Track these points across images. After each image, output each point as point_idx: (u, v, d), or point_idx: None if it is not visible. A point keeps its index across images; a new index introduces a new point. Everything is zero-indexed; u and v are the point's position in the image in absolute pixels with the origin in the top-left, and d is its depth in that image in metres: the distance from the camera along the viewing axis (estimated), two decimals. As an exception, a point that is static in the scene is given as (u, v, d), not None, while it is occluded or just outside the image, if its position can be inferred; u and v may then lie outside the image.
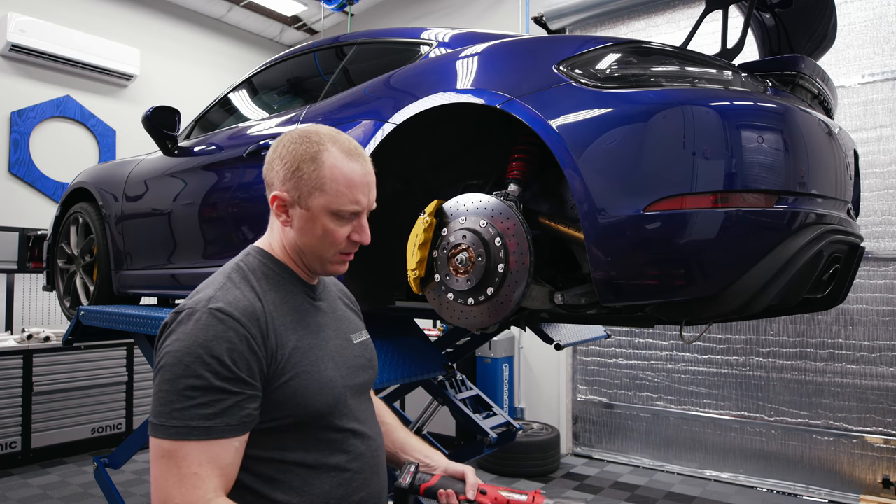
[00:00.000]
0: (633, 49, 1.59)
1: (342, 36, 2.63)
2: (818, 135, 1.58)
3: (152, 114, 2.84)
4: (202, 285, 1.08)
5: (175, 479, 0.91)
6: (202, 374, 0.93)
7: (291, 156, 1.09)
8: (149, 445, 0.94)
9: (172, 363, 0.94)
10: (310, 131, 1.12)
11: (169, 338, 0.97)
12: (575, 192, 1.46)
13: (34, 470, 4.50)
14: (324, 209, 1.09)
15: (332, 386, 1.10)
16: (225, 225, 2.55)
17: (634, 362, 4.84)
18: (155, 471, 0.92)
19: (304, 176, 1.08)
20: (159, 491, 0.91)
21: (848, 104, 4.04)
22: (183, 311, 1.00)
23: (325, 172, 1.08)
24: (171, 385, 0.93)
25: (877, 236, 3.92)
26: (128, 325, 2.71)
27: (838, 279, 1.78)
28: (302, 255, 1.14)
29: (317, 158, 1.08)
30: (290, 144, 1.11)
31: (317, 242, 1.12)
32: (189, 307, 1.00)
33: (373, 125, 1.96)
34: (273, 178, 1.11)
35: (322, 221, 1.10)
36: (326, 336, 1.16)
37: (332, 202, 1.09)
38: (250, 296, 1.04)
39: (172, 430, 0.92)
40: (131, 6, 6.20)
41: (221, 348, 0.95)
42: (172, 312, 1.02)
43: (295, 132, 1.13)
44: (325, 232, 1.11)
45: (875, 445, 3.87)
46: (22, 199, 5.42)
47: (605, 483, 4.38)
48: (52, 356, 4.73)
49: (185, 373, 0.93)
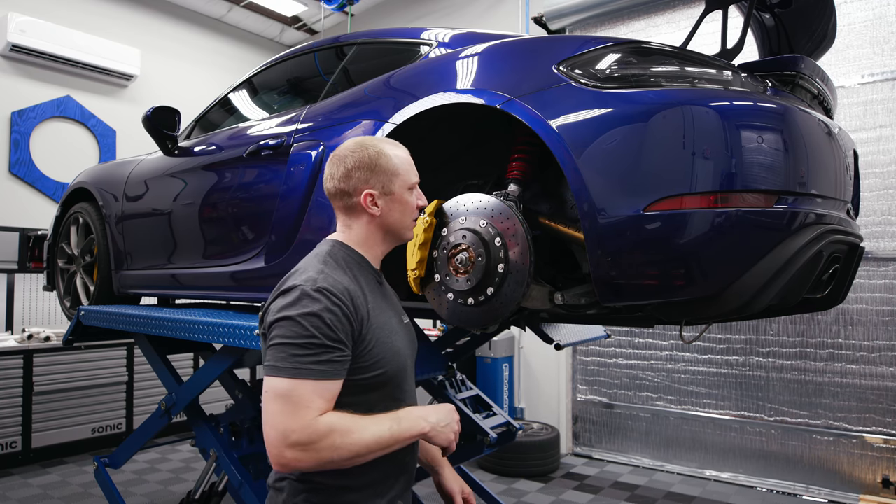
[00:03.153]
0: (633, 49, 1.59)
1: (342, 36, 2.63)
2: (818, 135, 1.58)
3: (152, 114, 2.84)
4: (301, 268, 1.28)
5: (291, 410, 1.12)
6: (315, 333, 1.17)
7: (363, 161, 1.36)
8: (263, 387, 1.15)
9: (291, 324, 1.17)
10: (359, 141, 1.40)
11: (288, 307, 1.19)
12: (575, 192, 1.46)
13: (34, 470, 4.51)
14: (402, 187, 1.39)
15: (402, 355, 1.37)
16: (225, 225, 2.55)
17: (634, 362, 4.84)
18: (272, 406, 1.13)
19: (381, 169, 1.36)
20: (276, 423, 1.12)
21: (848, 104, 4.04)
22: (295, 288, 1.21)
23: (393, 161, 1.38)
24: (290, 339, 1.16)
25: (877, 236, 3.92)
26: (128, 325, 2.71)
27: (838, 279, 1.79)
28: (390, 233, 1.42)
29: (382, 154, 1.37)
30: (355, 154, 1.37)
31: (401, 216, 1.41)
32: (300, 285, 1.21)
33: (373, 125, 1.96)
34: (355, 183, 1.36)
35: (403, 198, 1.40)
36: (391, 314, 1.40)
37: (405, 180, 1.40)
38: (345, 278, 1.28)
39: (293, 370, 1.14)
40: (131, 6, 6.20)
41: (327, 316, 1.19)
42: (282, 289, 1.22)
43: (347, 147, 1.39)
44: (404, 205, 1.40)
45: (875, 445, 3.87)
46: (22, 199, 5.42)
47: (605, 483, 4.38)
48: (53, 356, 4.74)
49: (302, 332, 1.16)
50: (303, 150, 2.20)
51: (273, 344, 1.18)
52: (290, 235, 2.19)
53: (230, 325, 2.14)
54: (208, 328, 2.26)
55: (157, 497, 4.04)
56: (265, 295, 2.31)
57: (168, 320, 2.47)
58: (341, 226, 1.43)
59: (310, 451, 1.12)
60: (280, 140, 2.32)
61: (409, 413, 1.28)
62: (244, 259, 2.41)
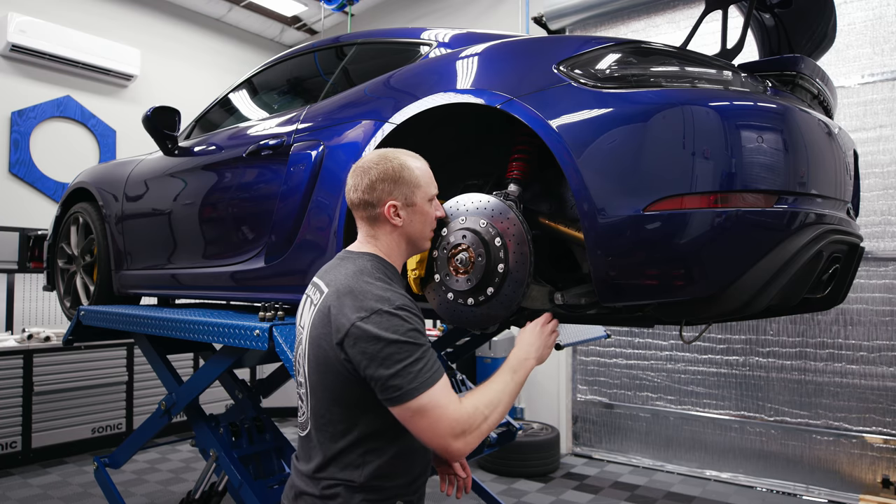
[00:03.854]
0: (632, 49, 1.59)
1: (342, 36, 2.63)
2: (818, 135, 1.58)
3: (152, 114, 2.84)
4: (361, 290, 1.29)
5: (439, 416, 1.22)
6: (421, 344, 1.26)
7: (386, 173, 1.41)
8: (402, 412, 1.22)
9: (399, 346, 1.23)
10: (382, 153, 1.45)
11: (387, 331, 1.23)
12: (575, 192, 1.46)
13: (34, 470, 4.51)
14: (423, 199, 1.45)
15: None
16: (225, 225, 2.55)
17: (634, 362, 4.84)
18: (423, 423, 1.22)
19: (403, 181, 1.42)
20: (435, 433, 1.22)
21: (848, 104, 4.04)
22: (376, 312, 1.25)
23: (415, 173, 1.44)
24: (406, 360, 1.22)
25: (877, 236, 3.92)
26: (128, 325, 2.71)
27: (838, 279, 1.79)
28: (410, 243, 1.48)
29: (405, 166, 1.43)
30: (378, 167, 1.42)
31: (422, 227, 1.48)
32: (381, 308, 1.25)
33: (373, 125, 1.96)
34: (379, 195, 1.41)
35: (424, 209, 1.46)
36: None
37: (426, 192, 1.46)
38: (403, 293, 1.35)
39: (424, 385, 1.22)
40: (131, 6, 6.20)
41: (420, 329, 1.28)
42: (363, 316, 1.24)
43: (370, 159, 1.44)
44: (425, 216, 1.47)
45: (875, 445, 3.87)
46: (22, 199, 5.42)
47: (605, 483, 4.38)
48: (53, 356, 4.74)
49: (412, 349, 1.24)
50: (303, 150, 2.20)
51: (394, 372, 1.22)
52: (291, 235, 2.19)
53: (230, 325, 2.14)
54: (208, 328, 2.26)
55: (157, 497, 4.04)
56: (265, 295, 2.32)
57: (168, 320, 2.47)
58: (365, 236, 1.47)
59: (473, 434, 1.25)
60: (280, 140, 2.32)
61: (516, 358, 1.43)
62: (244, 259, 2.42)
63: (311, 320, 1.35)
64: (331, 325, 1.28)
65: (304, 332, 1.41)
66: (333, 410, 1.32)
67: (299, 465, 1.40)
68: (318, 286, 1.42)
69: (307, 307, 1.43)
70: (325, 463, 1.32)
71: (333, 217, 2.02)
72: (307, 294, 1.47)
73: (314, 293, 1.42)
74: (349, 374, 1.27)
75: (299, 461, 1.41)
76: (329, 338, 1.28)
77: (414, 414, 1.22)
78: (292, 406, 7.36)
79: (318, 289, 1.40)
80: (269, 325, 2.00)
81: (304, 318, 1.43)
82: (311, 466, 1.34)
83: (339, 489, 1.30)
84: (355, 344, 1.24)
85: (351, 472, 1.30)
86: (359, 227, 1.49)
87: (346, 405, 1.31)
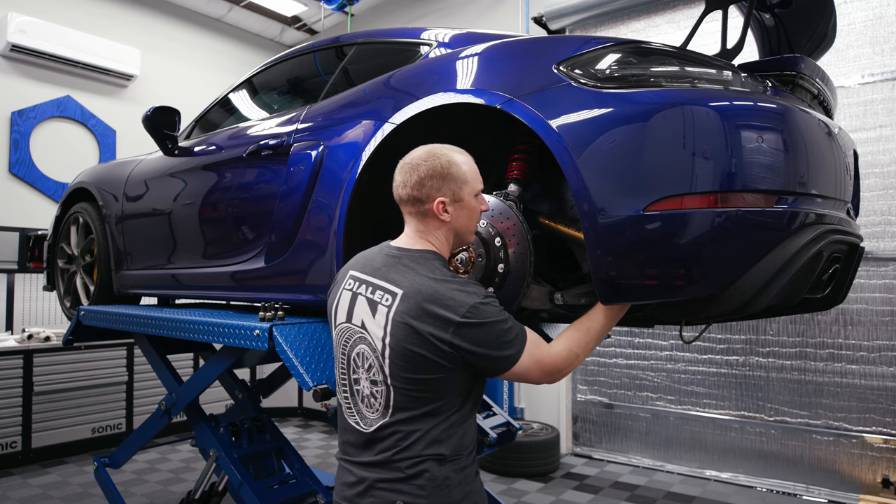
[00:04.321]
0: (632, 49, 1.59)
1: (342, 36, 2.63)
2: (818, 135, 1.58)
3: (152, 114, 2.84)
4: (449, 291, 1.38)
5: (540, 359, 1.43)
6: (508, 316, 1.42)
7: (434, 169, 1.45)
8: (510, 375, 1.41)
9: (499, 324, 1.38)
10: (429, 149, 1.48)
11: (487, 319, 1.37)
12: (575, 192, 1.46)
13: (34, 470, 4.51)
14: (470, 194, 1.49)
15: None
16: (225, 225, 2.55)
17: (634, 362, 4.84)
18: (526, 376, 1.43)
19: (452, 178, 1.45)
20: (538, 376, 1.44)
21: (848, 104, 4.04)
22: (474, 306, 1.36)
23: (463, 169, 1.47)
24: (508, 335, 1.39)
25: (877, 236, 3.92)
26: (128, 325, 2.71)
27: (838, 279, 1.79)
28: (457, 237, 1.53)
29: (453, 163, 1.46)
30: (427, 163, 1.45)
31: (468, 222, 1.52)
32: (477, 302, 1.37)
33: (373, 125, 1.96)
34: (428, 191, 1.45)
35: (471, 204, 1.50)
36: None
37: (473, 188, 1.49)
38: (471, 280, 1.49)
39: (520, 345, 1.41)
40: (131, 6, 6.20)
41: (499, 303, 1.43)
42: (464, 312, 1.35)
43: (419, 156, 1.47)
44: (472, 211, 1.51)
45: (875, 445, 3.87)
46: (22, 199, 5.42)
47: (605, 483, 4.38)
48: (53, 356, 4.74)
49: (504, 324, 1.39)
50: (303, 150, 2.20)
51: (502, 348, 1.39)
52: (291, 235, 2.19)
53: (230, 325, 2.14)
54: (208, 328, 2.26)
55: (157, 497, 4.04)
56: (265, 295, 2.31)
57: (168, 320, 2.47)
58: (415, 232, 1.51)
59: (566, 371, 1.47)
60: (280, 140, 2.32)
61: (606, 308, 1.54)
62: (244, 259, 2.42)
63: (392, 322, 1.38)
64: (430, 326, 1.35)
65: (371, 332, 1.42)
66: (422, 397, 1.38)
67: (364, 458, 1.42)
68: (378, 286, 1.44)
69: (363, 305, 1.45)
70: (410, 445, 1.38)
71: (333, 217, 2.02)
72: (354, 290, 1.48)
73: (376, 293, 1.43)
74: (449, 363, 1.36)
75: (363, 454, 1.43)
76: (427, 337, 1.35)
77: (519, 373, 1.42)
78: (292, 406, 7.33)
79: (382, 289, 1.43)
80: (269, 325, 2.00)
81: (360, 316, 1.45)
82: (388, 454, 1.38)
83: (428, 464, 1.37)
84: (464, 338, 1.35)
85: (437, 447, 1.38)
86: (407, 222, 1.52)
87: (436, 390, 1.38)
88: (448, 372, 1.38)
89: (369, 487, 1.39)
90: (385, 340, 1.39)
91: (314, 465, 4.63)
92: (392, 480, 1.38)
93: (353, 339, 1.46)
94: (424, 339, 1.35)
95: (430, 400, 1.39)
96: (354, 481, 1.43)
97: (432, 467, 1.38)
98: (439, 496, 1.37)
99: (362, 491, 1.40)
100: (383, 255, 1.50)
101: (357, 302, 1.47)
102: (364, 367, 1.44)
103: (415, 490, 1.36)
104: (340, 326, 1.51)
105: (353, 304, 1.48)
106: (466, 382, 1.43)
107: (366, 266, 1.51)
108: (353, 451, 1.46)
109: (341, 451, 1.51)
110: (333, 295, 1.57)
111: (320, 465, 4.81)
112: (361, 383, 1.44)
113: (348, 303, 1.49)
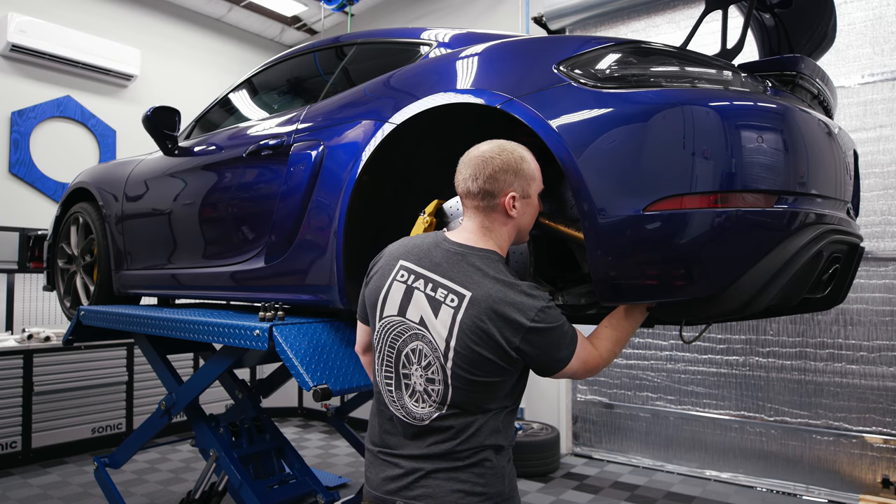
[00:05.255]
0: (632, 49, 1.59)
1: (342, 36, 2.63)
2: (818, 135, 1.58)
3: (152, 114, 2.84)
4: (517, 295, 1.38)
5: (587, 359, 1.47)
6: (565, 319, 1.44)
7: (508, 164, 1.43)
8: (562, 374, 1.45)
9: (560, 327, 1.41)
10: (499, 144, 1.46)
11: (551, 324, 1.39)
12: (575, 192, 1.47)
13: (34, 470, 4.51)
14: (536, 191, 1.50)
15: None
16: (225, 225, 2.55)
17: (634, 362, 4.84)
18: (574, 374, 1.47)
19: (523, 174, 1.45)
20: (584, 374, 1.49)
21: (848, 104, 4.04)
22: (540, 310, 1.38)
23: (532, 166, 1.47)
24: (565, 337, 1.42)
25: (877, 236, 3.92)
26: (128, 325, 2.72)
27: (838, 279, 1.79)
28: (519, 234, 1.52)
29: (524, 159, 1.45)
30: (500, 157, 1.44)
31: (530, 220, 1.52)
32: (543, 306, 1.39)
33: (373, 125, 1.96)
34: (501, 185, 1.43)
35: (535, 202, 1.51)
36: None
37: (539, 186, 1.50)
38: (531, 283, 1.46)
39: (575, 345, 1.44)
40: (131, 6, 6.20)
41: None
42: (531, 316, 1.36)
43: (489, 150, 1.45)
44: (535, 209, 1.52)
45: (875, 445, 3.87)
46: (22, 199, 5.42)
47: (604, 483, 4.38)
48: (53, 356, 4.73)
49: (563, 326, 1.42)
50: (303, 150, 2.20)
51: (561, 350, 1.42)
52: (291, 235, 2.19)
53: (230, 325, 2.14)
54: (208, 328, 2.26)
55: (157, 497, 4.04)
56: (265, 295, 2.32)
57: (168, 320, 2.47)
58: (478, 227, 1.48)
59: (604, 367, 1.52)
60: (280, 140, 2.32)
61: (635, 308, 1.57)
62: (244, 259, 2.42)
63: (460, 325, 1.36)
64: (501, 330, 1.35)
65: (434, 331, 1.39)
66: (479, 395, 1.39)
67: (415, 450, 1.41)
68: (442, 284, 1.40)
69: (421, 302, 1.41)
70: (470, 437, 1.39)
71: (333, 217, 2.02)
72: (410, 284, 1.44)
73: (438, 291, 1.40)
74: (511, 367, 1.39)
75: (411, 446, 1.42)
76: (496, 342, 1.35)
77: (566, 373, 1.45)
78: (292, 406, 7.33)
79: (447, 289, 1.39)
80: (269, 325, 2.00)
81: (417, 313, 1.42)
82: (447, 445, 1.39)
83: (487, 452, 1.40)
84: (530, 343, 1.37)
85: (496, 437, 1.42)
86: (470, 217, 1.48)
87: (495, 390, 1.41)
88: (508, 375, 1.41)
89: (421, 478, 1.39)
90: (450, 342, 1.36)
91: (314, 465, 4.63)
92: (450, 469, 1.38)
93: (408, 335, 1.42)
94: (494, 343, 1.35)
95: (487, 399, 1.40)
96: (401, 473, 1.41)
97: (492, 456, 1.41)
98: (496, 484, 1.41)
99: (412, 482, 1.39)
100: (443, 251, 1.45)
101: (414, 297, 1.42)
102: (420, 364, 1.40)
103: (473, 478, 1.39)
104: (390, 318, 1.45)
105: (409, 299, 1.43)
106: (519, 380, 1.47)
107: (421, 259, 1.45)
108: (398, 442, 1.44)
109: (380, 444, 1.48)
110: (379, 283, 1.50)
111: (320, 465, 4.81)
112: (413, 378, 1.41)
113: (401, 296, 1.44)
